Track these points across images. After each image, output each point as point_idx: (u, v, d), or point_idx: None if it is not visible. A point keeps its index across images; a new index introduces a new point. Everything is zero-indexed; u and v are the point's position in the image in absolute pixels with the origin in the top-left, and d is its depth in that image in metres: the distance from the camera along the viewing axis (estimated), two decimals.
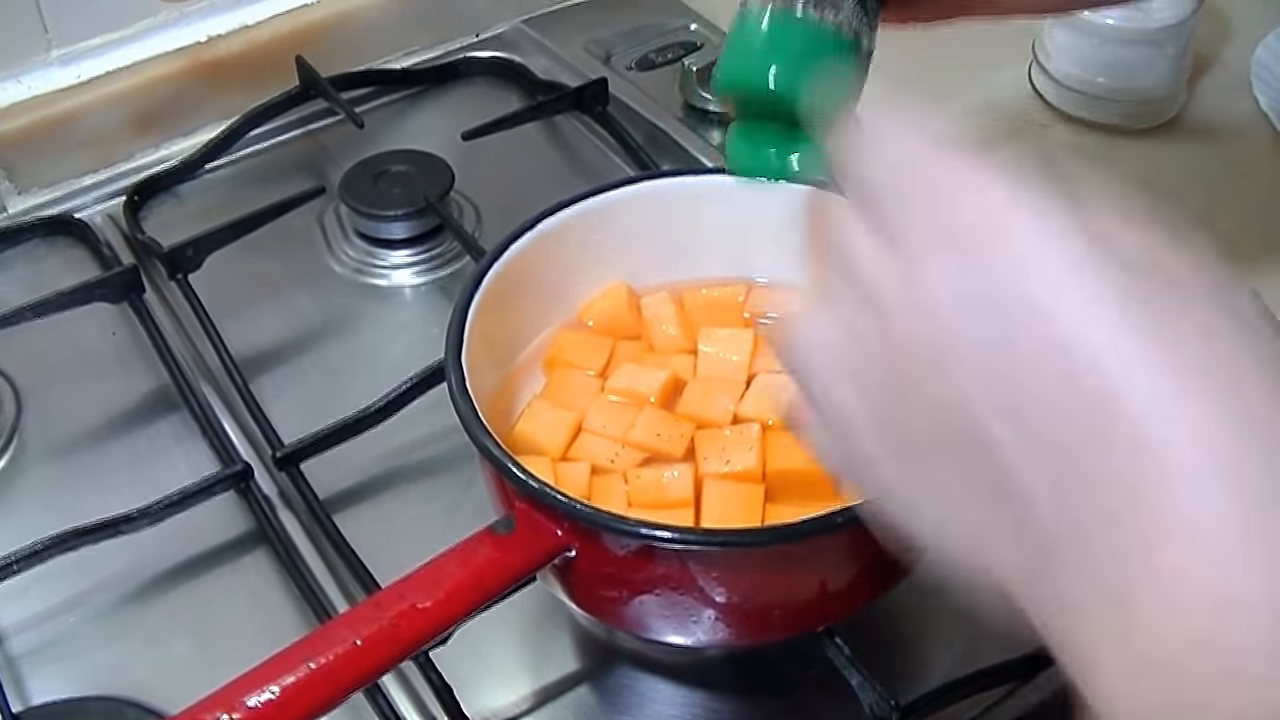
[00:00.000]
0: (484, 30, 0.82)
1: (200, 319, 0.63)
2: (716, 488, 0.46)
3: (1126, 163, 0.71)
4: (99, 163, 0.74)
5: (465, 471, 0.56)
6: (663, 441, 0.48)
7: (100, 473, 0.59)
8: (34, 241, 0.70)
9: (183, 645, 0.52)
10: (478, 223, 0.69)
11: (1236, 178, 0.70)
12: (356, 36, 0.79)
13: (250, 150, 0.75)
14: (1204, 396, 0.25)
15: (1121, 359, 0.25)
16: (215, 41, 0.75)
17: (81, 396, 0.62)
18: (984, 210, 0.27)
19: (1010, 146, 0.51)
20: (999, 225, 0.27)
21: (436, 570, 0.41)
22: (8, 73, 0.72)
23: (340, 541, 0.54)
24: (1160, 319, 0.25)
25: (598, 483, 0.47)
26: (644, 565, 0.42)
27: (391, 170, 0.69)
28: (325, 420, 0.57)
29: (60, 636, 0.53)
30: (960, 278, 0.27)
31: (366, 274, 0.67)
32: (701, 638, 0.45)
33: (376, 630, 0.39)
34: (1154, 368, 0.25)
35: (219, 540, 0.56)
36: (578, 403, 0.50)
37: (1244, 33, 0.77)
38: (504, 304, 0.49)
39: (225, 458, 0.58)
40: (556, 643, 0.51)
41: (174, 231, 0.68)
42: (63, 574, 0.53)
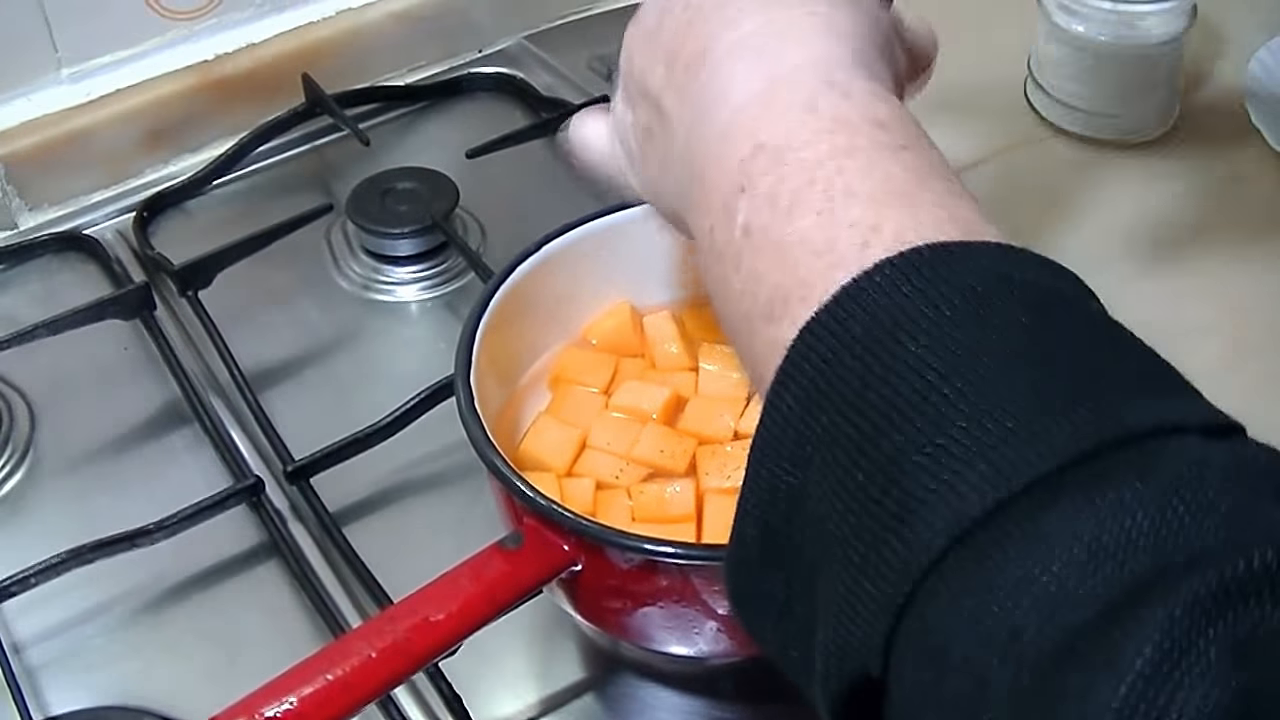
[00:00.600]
0: (487, 46, 0.83)
1: (211, 335, 0.64)
2: (718, 502, 0.48)
3: (1121, 177, 0.72)
4: (108, 180, 0.75)
5: (472, 484, 0.57)
6: (666, 458, 0.49)
7: (114, 486, 0.60)
8: (45, 258, 0.72)
9: (199, 656, 0.53)
10: (482, 239, 0.71)
11: (1230, 192, 0.71)
12: (361, 53, 0.80)
13: (258, 166, 0.76)
14: (744, 7, 0.36)
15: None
16: (222, 59, 0.76)
17: (95, 411, 0.63)
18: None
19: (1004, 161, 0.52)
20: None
21: (449, 585, 0.42)
22: (18, 91, 0.73)
23: (350, 554, 0.55)
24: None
25: (602, 498, 0.49)
26: (648, 579, 0.43)
27: (398, 188, 0.70)
28: (334, 433, 0.58)
29: (78, 647, 0.54)
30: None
31: (373, 290, 0.69)
32: (704, 649, 0.46)
33: (390, 643, 0.41)
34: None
35: (231, 552, 0.57)
36: (582, 419, 0.51)
37: (1237, 47, 0.78)
38: (510, 324, 0.50)
39: (237, 471, 0.59)
40: (562, 652, 0.52)
41: (183, 247, 0.69)
42: (78, 586, 0.54)
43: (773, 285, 0.31)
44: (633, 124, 0.41)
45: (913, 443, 0.26)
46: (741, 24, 0.36)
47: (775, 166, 0.32)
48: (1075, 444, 0.25)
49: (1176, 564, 0.23)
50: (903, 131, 0.33)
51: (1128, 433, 0.25)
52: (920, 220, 0.30)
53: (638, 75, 0.40)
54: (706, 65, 0.36)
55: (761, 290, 0.31)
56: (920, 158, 0.32)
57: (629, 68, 0.41)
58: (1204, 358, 0.61)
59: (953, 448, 0.25)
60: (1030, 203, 0.71)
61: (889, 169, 0.31)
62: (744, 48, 0.36)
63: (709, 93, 0.36)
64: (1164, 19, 0.70)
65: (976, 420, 0.25)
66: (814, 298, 0.29)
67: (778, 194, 0.32)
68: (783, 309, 0.30)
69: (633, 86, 0.41)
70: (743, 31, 0.36)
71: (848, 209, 0.30)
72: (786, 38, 0.35)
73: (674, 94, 0.38)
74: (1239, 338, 0.63)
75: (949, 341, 0.27)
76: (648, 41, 0.39)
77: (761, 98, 0.34)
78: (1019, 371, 0.26)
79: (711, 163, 0.34)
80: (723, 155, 0.34)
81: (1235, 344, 0.62)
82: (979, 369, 0.26)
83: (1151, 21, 0.70)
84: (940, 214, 0.30)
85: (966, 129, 0.75)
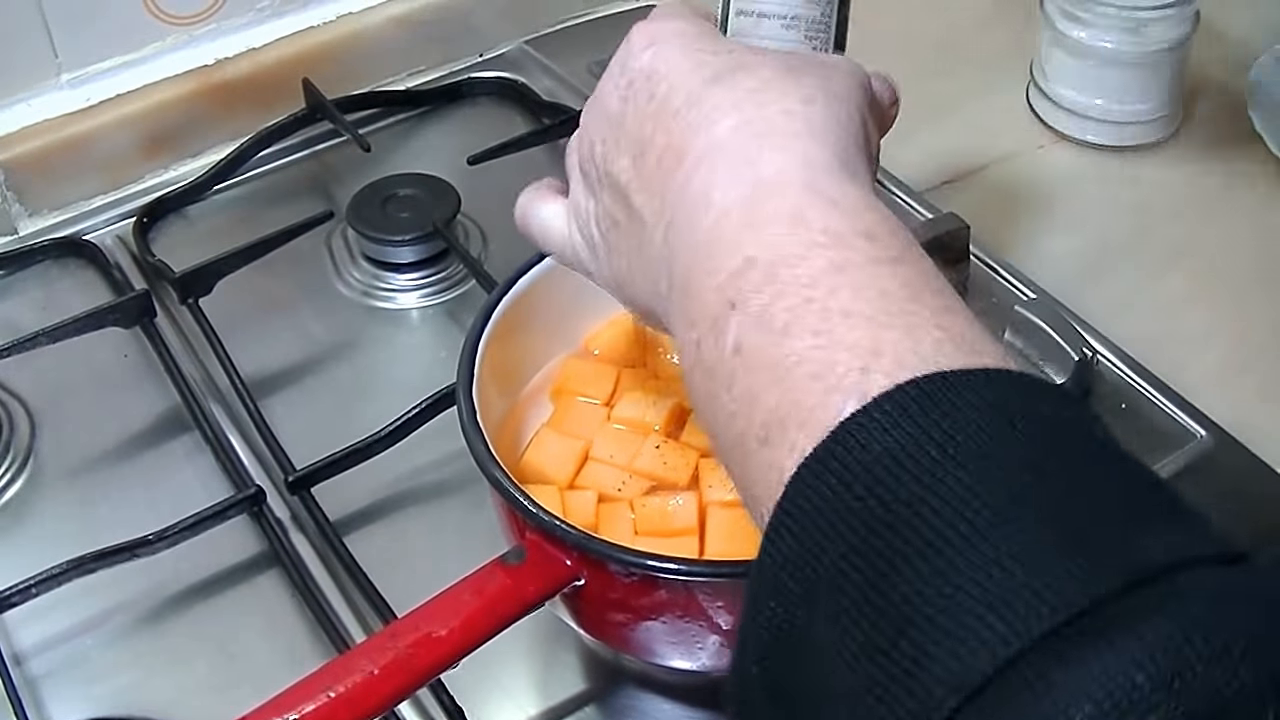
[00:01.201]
0: (488, 50, 0.83)
1: (211, 342, 0.64)
2: (721, 515, 0.48)
3: (1123, 184, 0.72)
4: (108, 185, 0.75)
5: (473, 493, 0.57)
6: (668, 470, 0.49)
7: (115, 494, 0.60)
8: (45, 264, 0.72)
9: (200, 666, 0.53)
10: (484, 246, 0.70)
11: (1232, 199, 0.71)
12: (362, 57, 0.80)
13: (258, 172, 0.76)
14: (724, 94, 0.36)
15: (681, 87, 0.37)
16: (223, 64, 0.76)
17: (95, 418, 0.63)
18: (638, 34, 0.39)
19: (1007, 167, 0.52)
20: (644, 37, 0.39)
21: (451, 600, 0.42)
22: (17, 96, 0.73)
23: (351, 563, 0.55)
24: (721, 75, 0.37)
25: (605, 510, 0.48)
26: (651, 594, 0.43)
27: (399, 194, 0.70)
28: (334, 441, 0.58)
29: (78, 658, 0.54)
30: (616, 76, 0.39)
31: (374, 297, 0.68)
32: (707, 662, 0.46)
33: (393, 659, 0.41)
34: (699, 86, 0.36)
35: (232, 562, 0.57)
36: (584, 431, 0.51)
37: (1241, 53, 0.77)
38: (512, 335, 0.50)
39: (237, 480, 0.59)
40: (564, 664, 0.52)
41: (183, 253, 0.69)
42: (79, 595, 0.54)
43: (768, 408, 0.30)
44: (595, 213, 0.40)
45: (920, 594, 0.25)
46: (717, 123, 0.35)
47: (767, 284, 0.31)
48: (1086, 592, 0.24)
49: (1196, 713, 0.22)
50: (893, 242, 0.32)
51: (1139, 574, 0.24)
52: (919, 342, 0.29)
53: (600, 162, 0.39)
54: (683, 166, 0.35)
55: (756, 412, 0.30)
56: (913, 270, 0.31)
57: (589, 152, 0.40)
58: (1205, 366, 0.62)
59: (961, 599, 0.25)
60: (1032, 208, 0.71)
61: (884, 285, 0.31)
62: (722, 149, 0.35)
63: (687, 196, 0.35)
64: (1167, 25, 0.70)
65: (984, 570, 0.25)
66: (813, 424, 0.28)
67: (771, 313, 0.31)
68: (780, 434, 0.29)
69: (594, 173, 0.40)
70: (719, 131, 0.35)
71: (846, 331, 0.30)
72: (765, 139, 0.34)
73: (646, 191, 0.37)
74: (1241, 346, 0.63)
75: (952, 483, 0.26)
76: (610, 127, 0.38)
77: (745, 205, 0.33)
78: (1026, 514, 0.26)
79: (696, 274, 0.33)
80: (709, 267, 0.33)
81: (1237, 353, 0.62)
82: (984, 513, 0.26)
83: (1155, 27, 0.70)
84: (938, 334, 0.29)
85: (969, 134, 0.75)
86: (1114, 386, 0.60)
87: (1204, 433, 0.57)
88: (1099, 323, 0.62)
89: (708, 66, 0.37)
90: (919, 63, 0.77)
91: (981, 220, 0.65)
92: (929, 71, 0.77)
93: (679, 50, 0.38)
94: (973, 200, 0.70)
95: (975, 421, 0.27)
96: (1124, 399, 0.59)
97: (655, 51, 0.38)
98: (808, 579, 0.27)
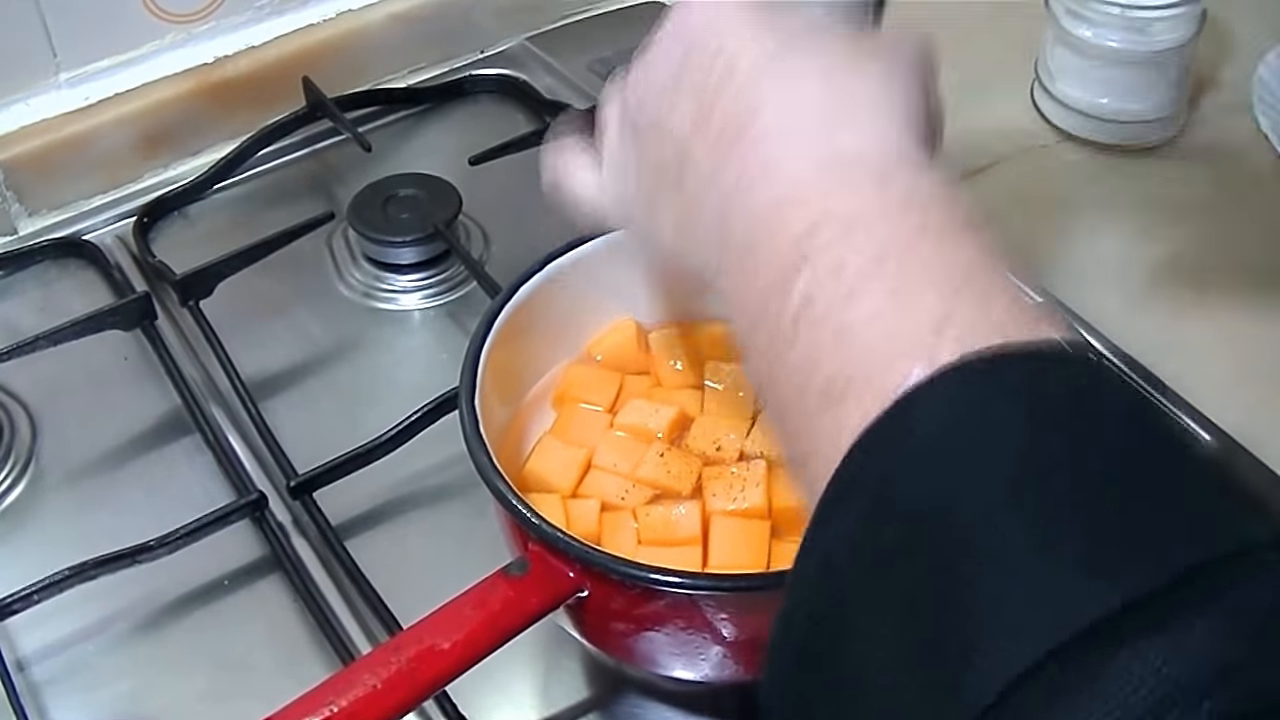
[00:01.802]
0: (488, 47, 0.83)
1: (212, 344, 0.64)
2: (724, 524, 0.47)
3: (1128, 183, 0.72)
4: (108, 184, 0.74)
5: (476, 497, 0.56)
6: (672, 478, 0.49)
7: (116, 497, 0.60)
8: (45, 264, 0.71)
9: (201, 672, 0.53)
10: (485, 247, 0.70)
11: (1237, 198, 0.70)
12: (362, 55, 0.79)
13: (258, 170, 0.76)
14: (795, 66, 0.36)
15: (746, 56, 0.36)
16: (222, 62, 0.76)
17: (96, 421, 0.63)
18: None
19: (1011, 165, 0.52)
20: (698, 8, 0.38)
21: (454, 613, 0.42)
22: (16, 96, 0.72)
23: (353, 568, 0.55)
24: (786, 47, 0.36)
25: (608, 519, 0.48)
26: (654, 606, 0.43)
27: (400, 195, 0.69)
28: (336, 444, 0.58)
29: (80, 664, 0.54)
30: (674, 34, 0.39)
31: (375, 298, 0.68)
32: (709, 673, 0.46)
33: (396, 672, 0.40)
34: (765, 57, 0.36)
35: (233, 567, 0.57)
36: (587, 439, 0.50)
37: (1246, 51, 0.77)
38: (514, 342, 0.50)
39: (238, 484, 0.58)
40: (566, 671, 0.52)
41: (183, 253, 0.69)
42: (81, 601, 0.54)
43: (834, 365, 0.30)
44: (637, 169, 0.40)
45: (971, 579, 0.25)
46: (794, 91, 0.35)
47: (840, 242, 0.31)
48: (1137, 584, 0.24)
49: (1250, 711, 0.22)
50: (962, 216, 0.32)
51: (1195, 562, 0.24)
52: (990, 309, 0.29)
53: (652, 115, 0.39)
54: (750, 132, 0.35)
55: (820, 368, 0.30)
56: (983, 241, 0.31)
57: (640, 105, 0.39)
58: (1211, 372, 0.61)
59: (1013, 587, 0.24)
60: (1037, 208, 0.71)
61: (957, 252, 0.31)
62: (794, 122, 0.35)
63: (757, 156, 0.35)
64: (1173, 24, 0.70)
65: (1038, 556, 0.25)
66: (878, 388, 0.28)
67: (844, 271, 0.31)
68: (843, 395, 0.29)
69: (643, 124, 0.39)
70: (797, 99, 0.35)
71: (920, 293, 0.29)
72: (844, 112, 0.34)
73: (707, 147, 0.36)
74: (1247, 351, 0.62)
75: (1012, 467, 0.26)
76: (667, 83, 0.38)
77: (818, 173, 0.33)
78: (1078, 507, 0.25)
79: (763, 231, 0.33)
80: (778, 226, 0.33)
81: (1243, 358, 0.62)
82: (1035, 505, 0.25)
83: (1160, 27, 0.70)
84: (1009, 302, 0.29)
85: (974, 133, 0.74)
86: None
87: (1209, 438, 0.57)
88: (1104, 326, 0.62)
89: (769, 41, 0.37)
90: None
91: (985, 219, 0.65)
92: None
93: (738, 22, 0.37)
94: (977, 198, 0.70)
95: (1039, 403, 0.27)
96: None
97: (717, 14, 0.38)
98: (855, 558, 0.27)
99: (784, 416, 0.32)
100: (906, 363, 0.28)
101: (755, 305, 0.33)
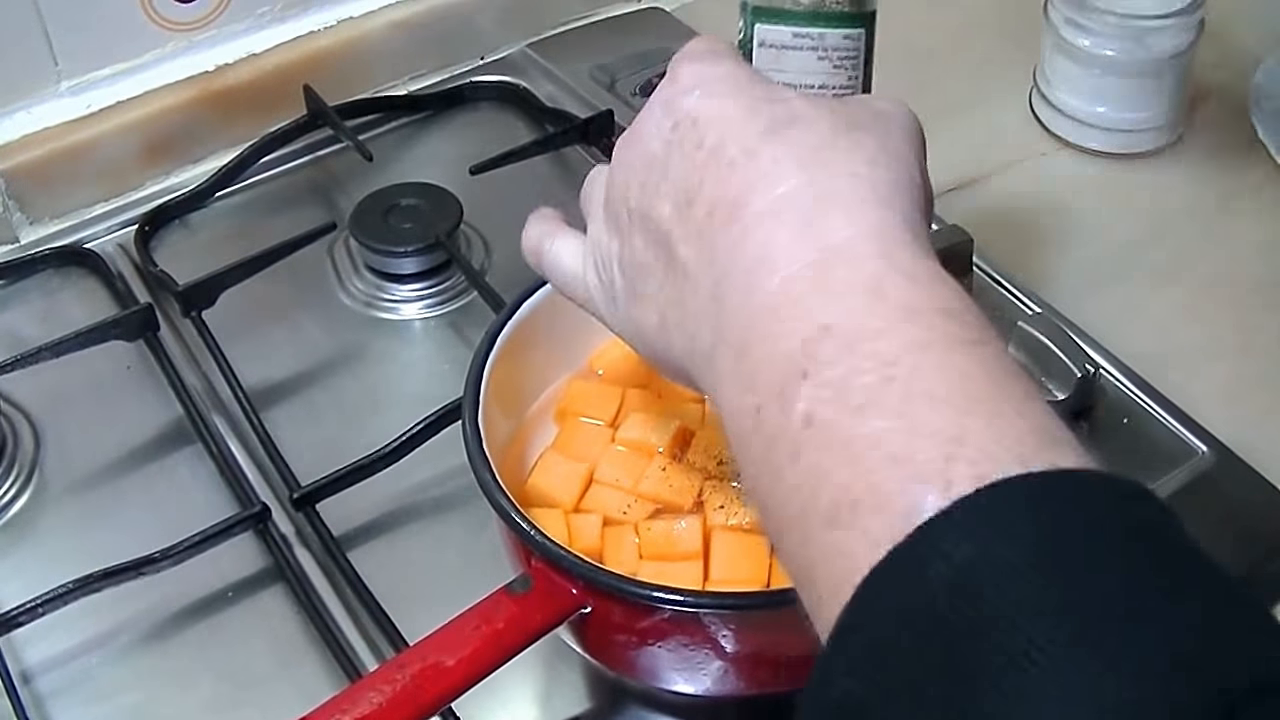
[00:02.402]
0: (489, 53, 0.83)
1: (214, 354, 0.64)
2: (725, 539, 0.48)
3: (1126, 191, 0.72)
4: (109, 192, 0.75)
5: (478, 508, 0.56)
6: (673, 493, 0.49)
7: (119, 508, 0.60)
8: (47, 272, 0.71)
9: (205, 683, 0.53)
10: (486, 256, 0.70)
11: (1235, 207, 0.71)
12: (363, 62, 0.79)
13: (259, 178, 0.76)
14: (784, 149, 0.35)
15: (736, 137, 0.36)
16: (223, 71, 0.76)
17: (99, 431, 0.63)
18: (685, 74, 0.38)
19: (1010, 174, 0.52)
20: (690, 78, 0.38)
21: (458, 631, 0.42)
22: (18, 104, 0.73)
23: (355, 579, 0.55)
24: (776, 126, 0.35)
25: (610, 534, 0.49)
26: (657, 622, 0.43)
27: (401, 204, 0.69)
28: (338, 454, 0.58)
29: (84, 676, 0.54)
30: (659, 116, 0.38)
31: (376, 307, 0.68)
32: (711, 687, 0.46)
33: (401, 689, 0.41)
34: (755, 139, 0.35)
35: (237, 578, 0.57)
36: (589, 454, 0.51)
37: (1243, 59, 0.77)
38: (517, 357, 0.50)
39: (241, 495, 0.59)
40: (567, 682, 0.52)
41: (185, 261, 0.69)
42: (84, 613, 0.54)
43: (839, 486, 0.29)
44: (620, 256, 0.39)
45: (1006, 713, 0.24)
46: (778, 180, 0.34)
47: (845, 355, 0.30)
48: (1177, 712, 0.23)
49: None
50: (970, 321, 0.31)
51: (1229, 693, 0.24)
52: (1003, 432, 0.28)
53: (635, 204, 0.38)
54: (739, 221, 0.34)
55: (824, 489, 0.29)
56: (992, 353, 0.30)
57: (623, 193, 0.38)
58: (1208, 382, 0.62)
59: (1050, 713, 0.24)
60: (1035, 216, 0.71)
61: (966, 369, 0.30)
62: (786, 209, 0.33)
63: (744, 254, 0.34)
64: (1171, 33, 0.70)
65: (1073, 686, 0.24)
66: (890, 512, 0.27)
67: (849, 388, 0.29)
68: (851, 516, 0.28)
69: (625, 214, 0.38)
70: (781, 190, 0.34)
71: (929, 415, 0.28)
72: (833, 203, 0.33)
73: (692, 242, 0.35)
74: (1244, 361, 0.63)
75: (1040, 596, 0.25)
76: (651, 169, 0.37)
77: (815, 271, 0.32)
78: (1115, 628, 0.25)
79: (759, 336, 0.32)
80: (775, 331, 0.32)
81: (1240, 368, 0.62)
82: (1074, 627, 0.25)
83: (1158, 36, 0.70)
84: (1021, 424, 0.28)
85: (972, 142, 0.75)
86: (1116, 402, 0.60)
87: (1206, 449, 0.57)
88: (1101, 335, 0.62)
89: (761, 116, 0.36)
90: (921, 69, 0.77)
91: (984, 228, 0.65)
92: (931, 78, 0.77)
93: (730, 96, 0.36)
94: (975, 207, 0.70)
95: (1062, 531, 0.26)
96: (1126, 415, 0.59)
97: (704, 94, 0.37)
98: (877, 686, 0.26)
99: (783, 535, 0.31)
100: (919, 488, 0.27)
101: (750, 415, 0.32)
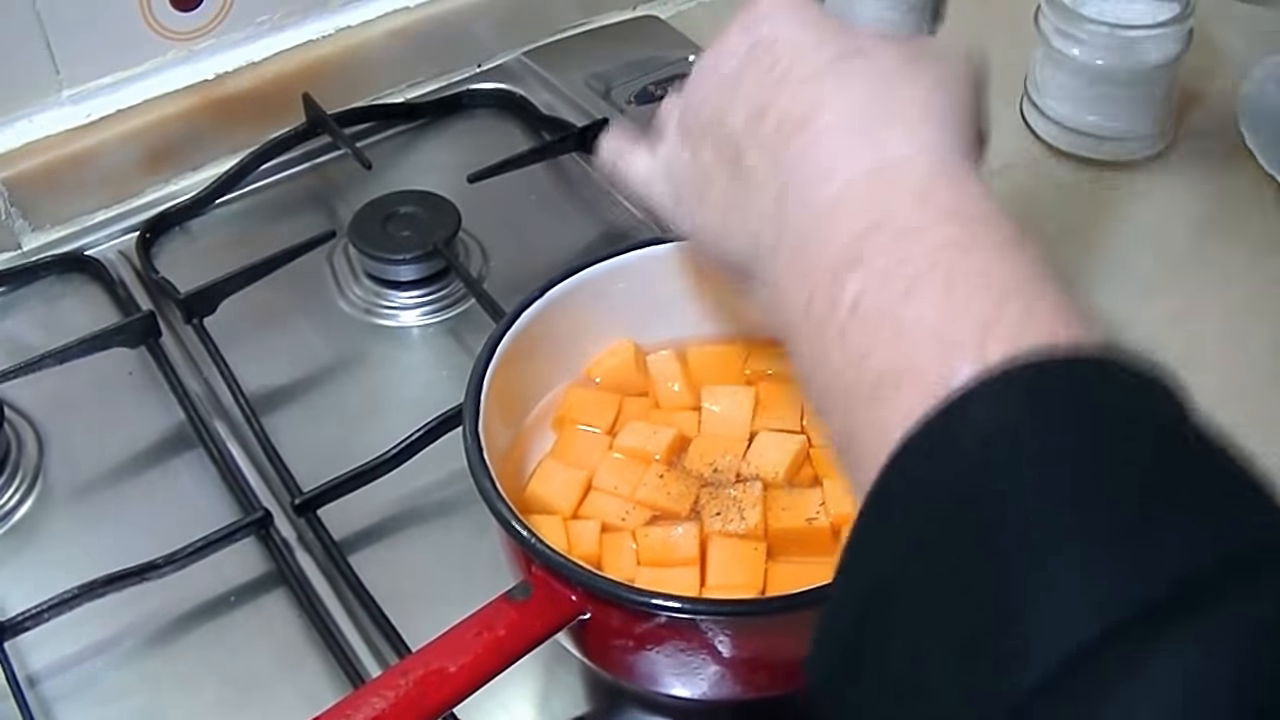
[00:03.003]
0: (486, 61, 0.84)
1: (215, 361, 0.65)
2: (721, 546, 0.48)
3: (1115, 199, 0.73)
4: (111, 199, 0.75)
5: (477, 513, 0.56)
6: (670, 500, 0.50)
7: (123, 513, 0.61)
8: (49, 279, 0.72)
9: (208, 687, 0.54)
10: (484, 263, 0.71)
11: (1223, 214, 0.72)
12: (361, 70, 0.80)
13: (259, 186, 0.77)
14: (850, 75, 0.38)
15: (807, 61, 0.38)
16: (223, 79, 0.77)
17: (102, 437, 0.64)
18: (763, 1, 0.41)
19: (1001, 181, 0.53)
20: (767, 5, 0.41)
21: (460, 637, 0.43)
22: (20, 113, 0.73)
23: (357, 584, 0.56)
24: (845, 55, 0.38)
25: (608, 540, 0.49)
26: (655, 628, 0.44)
27: (400, 212, 0.70)
28: (339, 460, 0.59)
29: (89, 680, 0.54)
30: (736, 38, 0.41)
31: (375, 314, 0.69)
32: (708, 691, 0.47)
33: (404, 695, 0.41)
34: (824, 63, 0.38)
35: (239, 583, 0.57)
36: (587, 461, 0.52)
37: (1233, 68, 0.78)
38: (516, 365, 0.51)
39: (243, 500, 0.59)
40: (565, 685, 0.53)
41: (186, 268, 0.70)
42: (88, 617, 0.55)
43: (881, 363, 0.31)
44: (691, 163, 0.42)
45: (1022, 566, 0.26)
46: (843, 98, 0.37)
47: (894, 246, 0.33)
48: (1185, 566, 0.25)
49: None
50: (1011, 229, 0.33)
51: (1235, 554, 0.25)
52: (1038, 313, 0.30)
53: (710, 115, 0.40)
54: (806, 133, 0.37)
55: (867, 367, 0.31)
56: (1031, 252, 0.33)
57: (697, 107, 0.41)
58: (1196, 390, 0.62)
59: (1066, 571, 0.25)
60: (1025, 224, 0.70)
61: (1007, 261, 0.32)
62: (849, 124, 0.36)
63: (809, 162, 0.36)
64: (1161, 42, 0.71)
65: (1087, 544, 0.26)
66: (927, 384, 0.29)
67: (896, 273, 0.32)
68: (892, 390, 0.30)
69: (699, 125, 0.41)
70: (845, 107, 0.37)
71: (970, 299, 0.31)
72: (893, 120, 0.36)
73: (760, 150, 0.38)
74: (1232, 369, 0.63)
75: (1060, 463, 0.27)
76: (725, 85, 0.40)
77: (872, 178, 0.35)
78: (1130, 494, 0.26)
79: (814, 233, 0.35)
80: (830, 228, 0.34)
81: (1228, 376, 0.63)
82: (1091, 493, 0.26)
83: (1149, 45, 0.71)
84: (1057, 310, 0.31)
85: None
86: None
87: None
88: None
89: (831, 46, 0.39)
90: None
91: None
92: None
93: (801, 26, 0.39)
94: None
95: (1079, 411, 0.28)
96: None
97: (779, 21, 0.40)
98: (906, 545, 0.28)
99: (830, 407, 0.33)
100: (956, 361, 0.29)
101: (802, 305, 0.34)
